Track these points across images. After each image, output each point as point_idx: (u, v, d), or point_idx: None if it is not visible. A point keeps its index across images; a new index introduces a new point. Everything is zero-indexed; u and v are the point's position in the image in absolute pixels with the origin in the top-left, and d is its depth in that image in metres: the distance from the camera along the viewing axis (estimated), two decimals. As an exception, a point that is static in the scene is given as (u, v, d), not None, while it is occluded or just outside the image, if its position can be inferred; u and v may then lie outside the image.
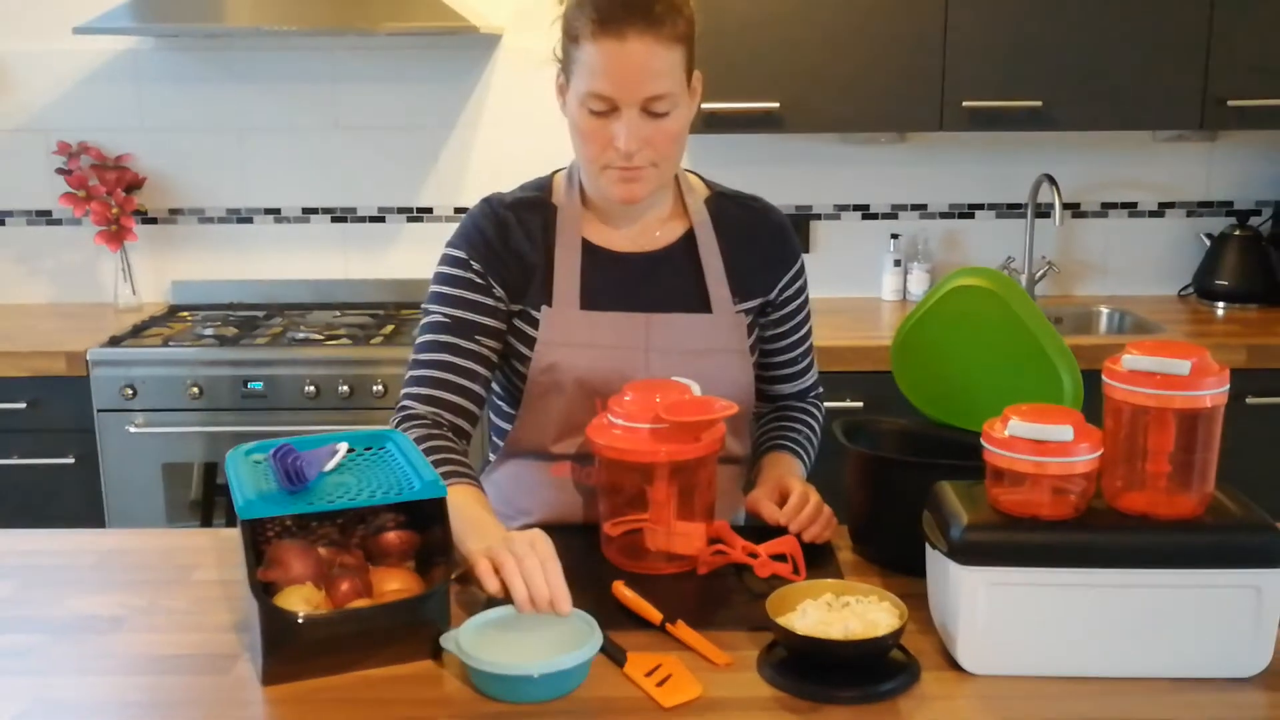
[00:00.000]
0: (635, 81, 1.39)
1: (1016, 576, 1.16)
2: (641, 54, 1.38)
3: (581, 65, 1.41)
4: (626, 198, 1.48)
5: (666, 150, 1.46)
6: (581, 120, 1.44)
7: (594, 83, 1.40)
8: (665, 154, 1.46)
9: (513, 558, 1.22)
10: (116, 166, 3.08)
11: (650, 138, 1.43)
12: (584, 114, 1.43)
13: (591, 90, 1.40)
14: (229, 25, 2.79)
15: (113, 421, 2.68)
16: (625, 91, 1.39)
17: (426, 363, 1.52)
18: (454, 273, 1.54)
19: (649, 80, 1.39)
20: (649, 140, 1.43)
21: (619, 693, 1.16)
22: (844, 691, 1.15)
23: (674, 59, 1.41)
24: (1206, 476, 1.20)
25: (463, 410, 1.52)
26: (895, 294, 3.15)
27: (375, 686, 1.18)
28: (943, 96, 2.79)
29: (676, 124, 1.45)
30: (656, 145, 1.44)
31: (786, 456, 1.62)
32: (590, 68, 1.40)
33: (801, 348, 1.68)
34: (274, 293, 3.19)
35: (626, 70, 1.39)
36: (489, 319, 1.53)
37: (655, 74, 1.40)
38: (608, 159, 1.45)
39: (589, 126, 1.43)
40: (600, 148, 1.44)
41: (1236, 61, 2.77)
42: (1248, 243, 3.07)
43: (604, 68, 1.39)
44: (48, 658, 1.26)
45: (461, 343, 1.52)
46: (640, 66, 1.39)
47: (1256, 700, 1.15)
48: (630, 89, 1.39)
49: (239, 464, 1.30)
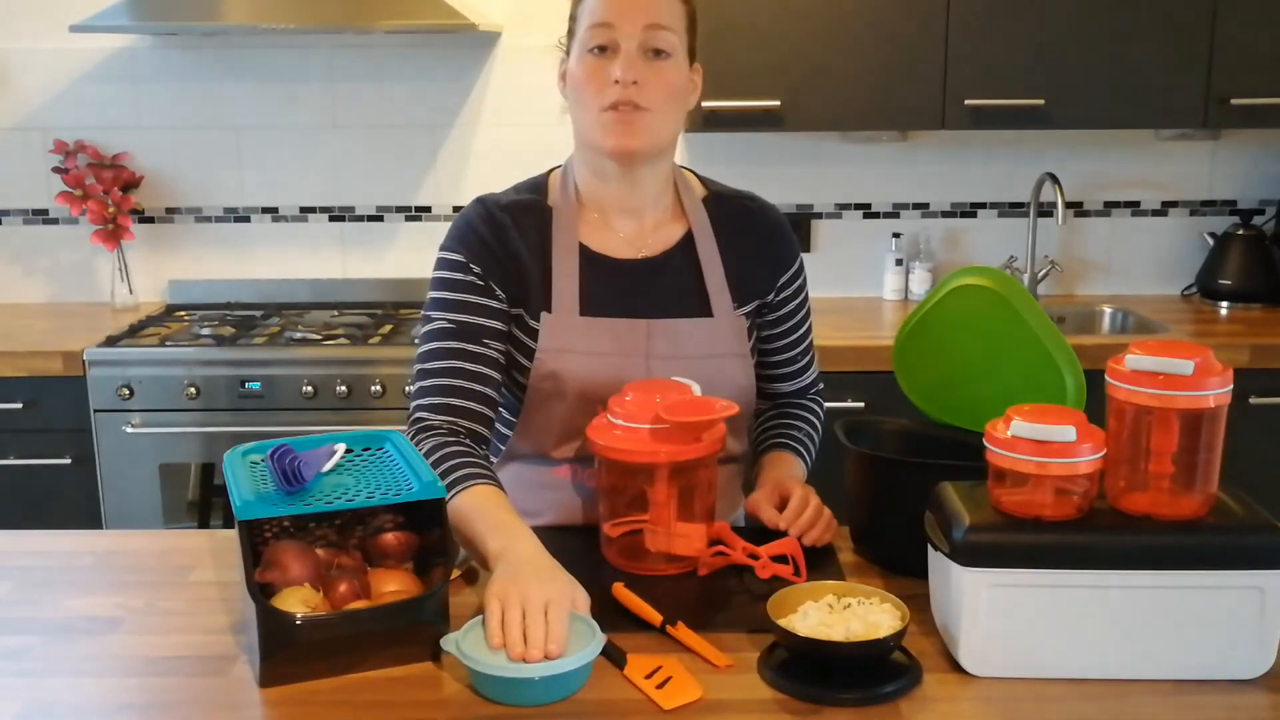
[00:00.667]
0: (636, 8, 1.44)
1: (1019, 578, 1.16)
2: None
3: (585, 13, 1.47)
4: (620, 146, 1.46)
5: (661, 97, 1.46)
6: (583, 66, 1.47)
7: (596, 15, 1.45)
8: (660, 100, 1.46)
9: (519, 615, 1.17)
10: (113, 165, 3.07)
11: (647, 77, 1.45)
12: (585, 59, 1.47)
13: (594, 22, 1.45)
14: (226, 23, 2.78)
15: (109, 422, 2.67)
16: (626, 18, 1.44)
17: (435, 371, 1.49)
18: (454, 276, 1.52)
19: (650, 10, 1.44)
20: (645, 79, 1.45)
21: (619, 695, 1.16)
22: (845, 693, 1.14)
23: (676, 9, 1.47)
24: (1210, 477, 1.19)
25: (477, 415, 1.50)
26: (897, 293, 3.15)
27: (374, 688, 1.18)
28: (945, 95, 2.79)
29: (674, 74, 1.47)
30: (653, 88, 1.45)
31: (787, 456, 1.61)
32: (593, 7, 1.46)
33: (801, 346, 1.68)
34: (271, 292, 3.18)
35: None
36: (494, 321, 1.52)
37: (656, 8, 1.45)
38: (605, 98, 1.45)
39: (590, 67, 1.46)
40: (598, 86, 1.46)
41: (1240, 60, 2.76)
42: (1251, 242, 3.06)
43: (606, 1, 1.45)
44: (44, 659, 1.25)
45: (469, 347, 1.49)
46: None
47: (1260, 702, 1.15)
48: (631, 15, 1.44)
49: (237, 464, 1.29)
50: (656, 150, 1.50)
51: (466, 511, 1.36)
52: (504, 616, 1.17)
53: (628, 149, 1.47)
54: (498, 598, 1.19)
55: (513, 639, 1.15)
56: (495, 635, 1.16)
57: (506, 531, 1.32)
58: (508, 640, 1.15)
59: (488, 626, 1.18)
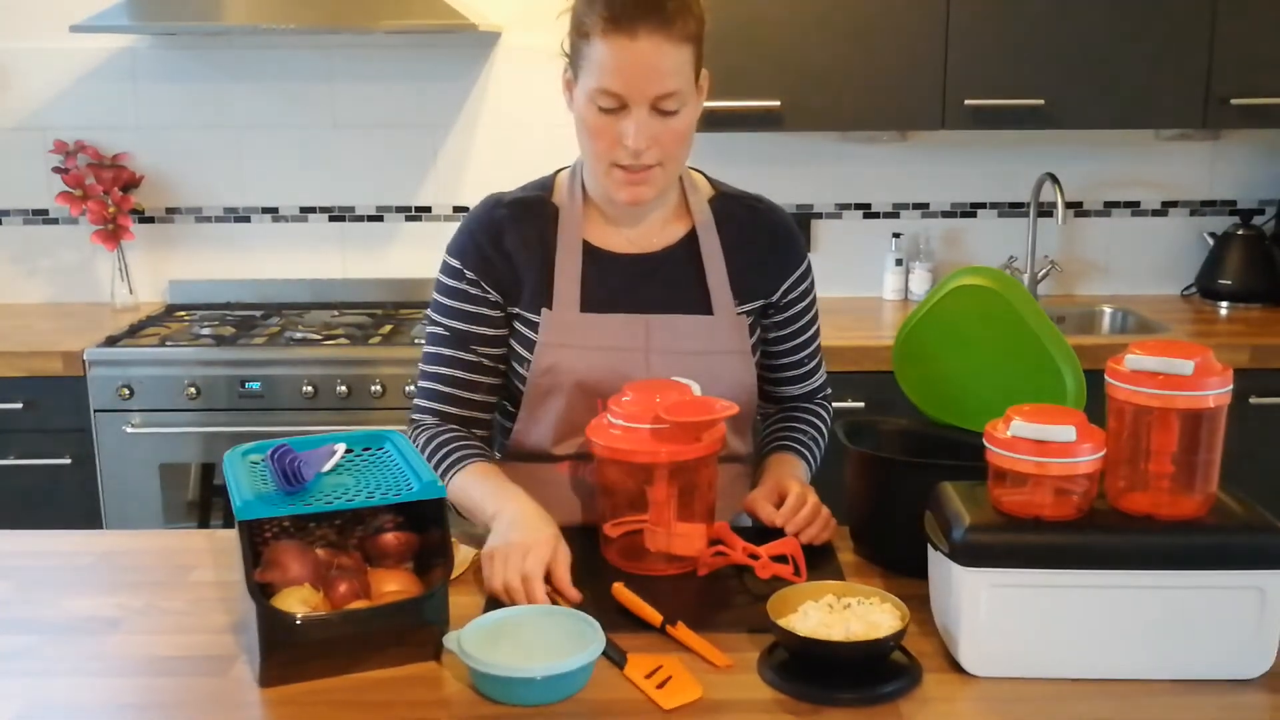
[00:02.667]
0: (645, 80, 1.39)
1: (1019, 578, 1.16)
2: (652, 53, 1.38)
3: (591, 62, 1.41)
4: (632, 200, 1.48)
5: (673, 150, 1.46)
6: (590, 117, 1.44)
7: (604, 79, 1.40)
8: (672, 153, 1.46)
9: (501, 563, 1.33)
10: (113, 165, 3.07)
11: (658, 136, 1.43)
12: (592, 111, 1.43)
13: (601, 87, 1.40)
14: (226, 23, 2.78)
15: (109, 422, 2.67)
16: (635, 90, 1.40)
17: (431, 375, 1.57)
18: (450, 283, 1.56)
19: (659, 79, 1.39)
20: (657, 139, 1.43)
21: (620, 695, 1.15)
22: (845, 693, 1.14)
23: (684, 58, 1.41)
24: (1209, 477, 1.19)
25: (471, 420, 1.58)
26: (897, 293, 3.15)
27: (374, 688, 1.18)
28: (945, 95, 2.79)
29: (684, 123, 1.45)
30: (664, 144, 1.44)
31: (790, 457, 1.61)
32: (600, 65, 1.40)
33: (808, 349, 1.68)
34: (271, 292, 3.18)
35: (637, 68, 1.39)
36: (487, 328, 1.55)
37: (665, 73, 1.40)
38: (615, 157, 1.45)
39: (597, 124, 1.43)
40: (608, 145, 1.44)
41: (1239, 60, 2.76)
42: (1251, 242, 3.06)
43: (614, 65, 1.39)
44: (44, 659, 1.25)
45: (461, 355, 1.56)
46: (651, 65, 1.39)
47: (1259, 702, 1.15)
48: (640, 87, 1.39)
49: (237, 464, 1.29)
50: (667, 188, 1.53)
51: (465, 486, 1.49)
52: (487, 570, 1.32)
53: (640, 201, 1.49)
54: (490, 554, 1.35)
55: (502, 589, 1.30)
56: (491, 585, 1.32)
57: (500, 495, 1.45)
58: (497, 590, 1.30)
59: (485, 580, 1.32)
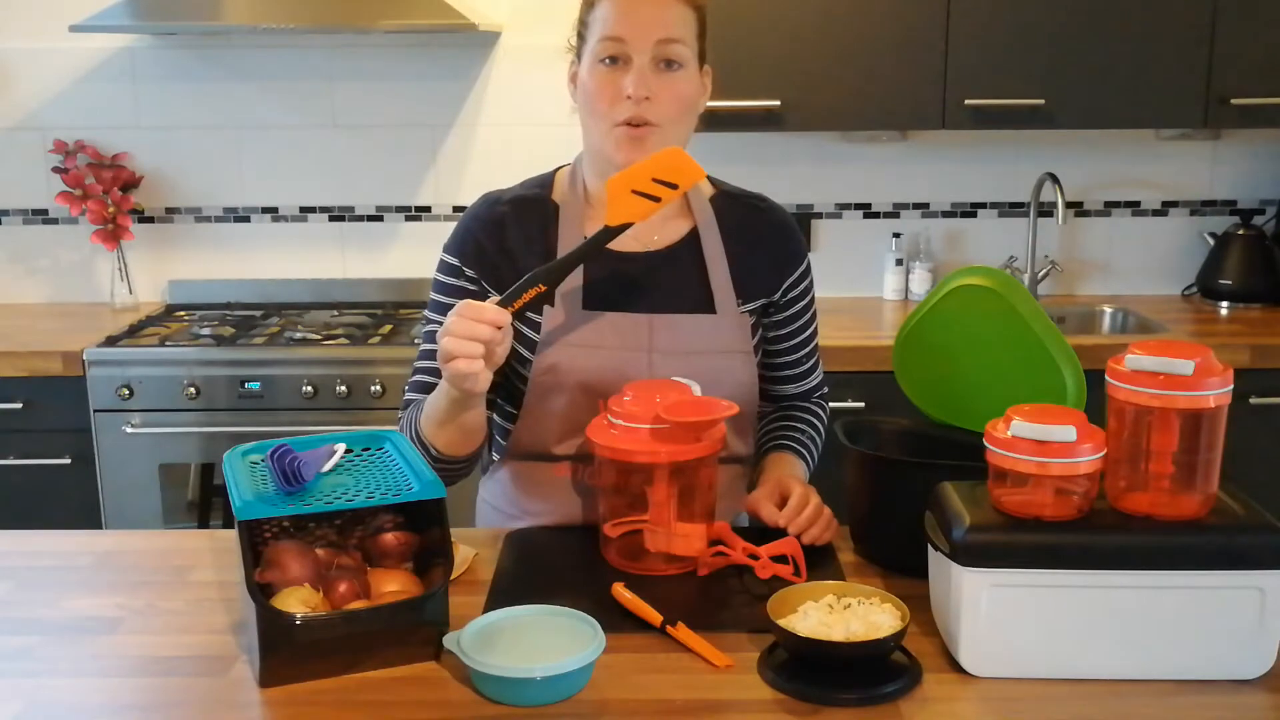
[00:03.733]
0: (648, 23, 1.43)
1: (1019, 578, 1.16)
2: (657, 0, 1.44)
3: (596, 22, 1.46)
4: (631, 162, 1.47)
5: (673, 110, 1.47)
6: (594, 77, 1.47)
7: (608, 28, 1.44)
8: (671, 113, 1.47)
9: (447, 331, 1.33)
10: (113, 165, 3.07)
11: (658, 91, 1.45)
12: (597, 70, 1.46)
13: (605, 35, 1.45)
14: (226, 23, 2.78)
15: (109, 422, 2.67)
16: (638, 33, 1.44)
17: (423, 370, 1.57)
18: (448, 281, 1.56)
19: (662, 24, 1.44)
20: (657, 94, 1.45)
21: (621, 695, 1.15)
22: (845, 694, 1.14)
23: (687, 17, 1.46)
24: (1210, 477, 1.19)
25: None
26: (897, 293, 3.15)
27: (374, 688, 1.17)
28: (945, 94, 2.79)
29: (686, 85, 1.47)
30: (664, 101, 1.46)
31: (789, 457, 1.61)
32: (605, 19, 1.45)
33: (807, 348, 1.68)
34: (271, 292, 3.18)
35: (640, 12, 1.44)
36: None
37: (669, 22, 1.44)
38: (616, 114, 1.46)
39: (601, 79, 1.46)
40: (610, 100, 1.46)
41: (1240, 59, 2.76)
42: (1251, 242, 3.06)
43: (618, 12, 1.44)
44: (44, 659, 1.25)
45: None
46: (654, 11, 1.44)
47: (1260, 702, 1.15)
48: (643, 30, 1.43)
49: (236, 464, 1.29)
50: None
51: (427, 402, 1.48)
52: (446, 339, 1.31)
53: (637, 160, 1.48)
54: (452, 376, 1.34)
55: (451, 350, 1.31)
56: (446, 354, 1.32)
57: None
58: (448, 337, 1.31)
59: (441, 348, 1.32)
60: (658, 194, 1.37)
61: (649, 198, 1.37)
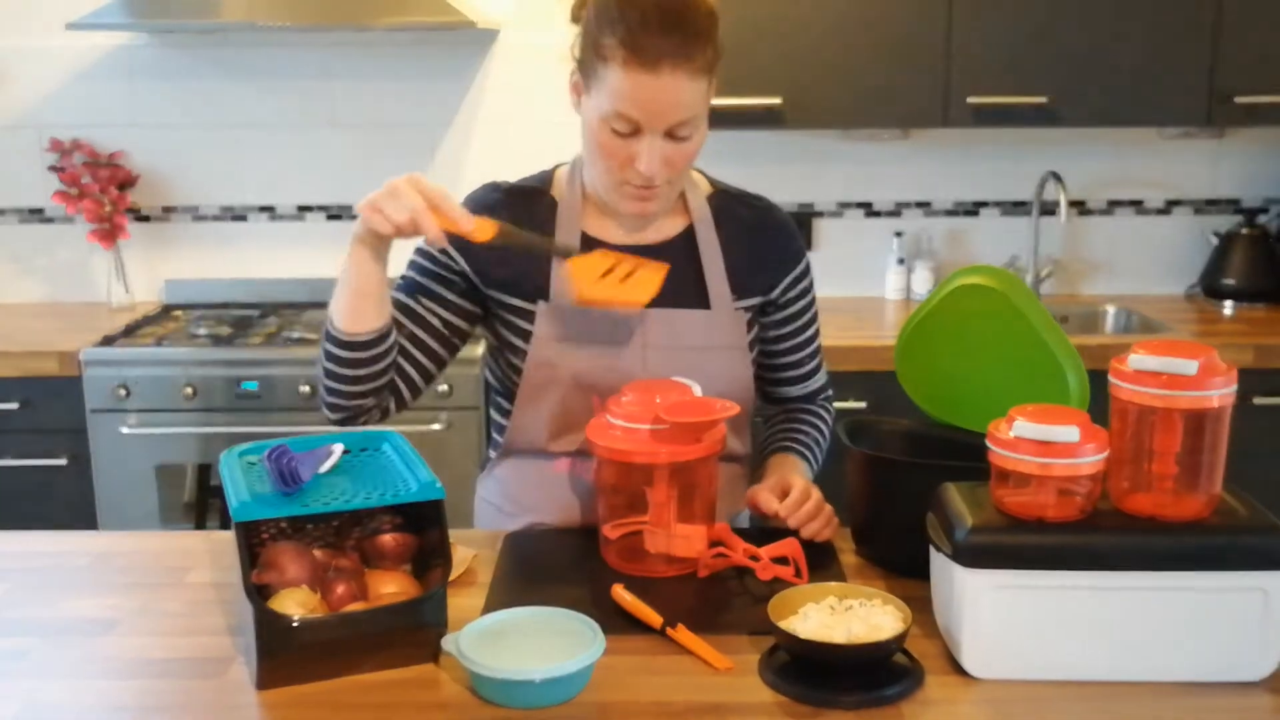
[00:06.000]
0: (663, 112, 1.39)
1: (1021, 579, 1.15)
2: (672, 88, 1.38)
3: (607, 85, 1.40)
4: (639, 214, 1.51)
5: (683, 168, 1.47)
6: (602, 136, 1.43)
7: (620, 106, 1.39)
8: (681, 171, 1.48)
9: (378, 207, 1.41)
10: (109, 164, 3.06)
11: (671, 158, 1.43)
12: (605, 131, 1.43)
13: (618, 111, 1.40)
14: (223, 20, 2.77)
15: (105, 422, 2.66)
16: (653, 119, 1.40)
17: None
18: (429, 260, 1.59)
19: (676, 111, 1.40)
20: (669, 161, 1.43)
21: (621, 697, 1.15)
22: (847, 696, 1.13)
23: (701, 88, 1.41)
24: (1213, 478, 1.19)
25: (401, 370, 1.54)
26: (899, 293, 3.14)
27: (372, 690, 1.17)
28: (947, 92, 2.78)
29: (696, 144, 1.46)
30: (675, 165, 1.45)
31: (791, 457, 1.61)
32: (617, 91, 1.39)
33: (808, 349, 1.67)
34: (268, 292, 3.17)
35: (656, 102, 1.39)
36: (445, 289, 1.56)
37: (683, 105, 1.40)
38: (625, 177, 1.45)
39: (610, 144, 1.43)
40: (619, 166, 1.44)
41: (1244, 57, 2.76)
42: (1255, 241, 3.06)
43: (632, 96, 1.38)
44: (39, 661, 1.24)
45: (408, 301, 1.57)
46: (670, 98, 1.39)
47: (1263, 704, 1.14)
48: (658, 118, 1.40)
49: (233, 465, 1.29)
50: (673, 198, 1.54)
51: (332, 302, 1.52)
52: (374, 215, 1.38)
53: (646, 214, 1.51)
54: (367, 206, 1.42)
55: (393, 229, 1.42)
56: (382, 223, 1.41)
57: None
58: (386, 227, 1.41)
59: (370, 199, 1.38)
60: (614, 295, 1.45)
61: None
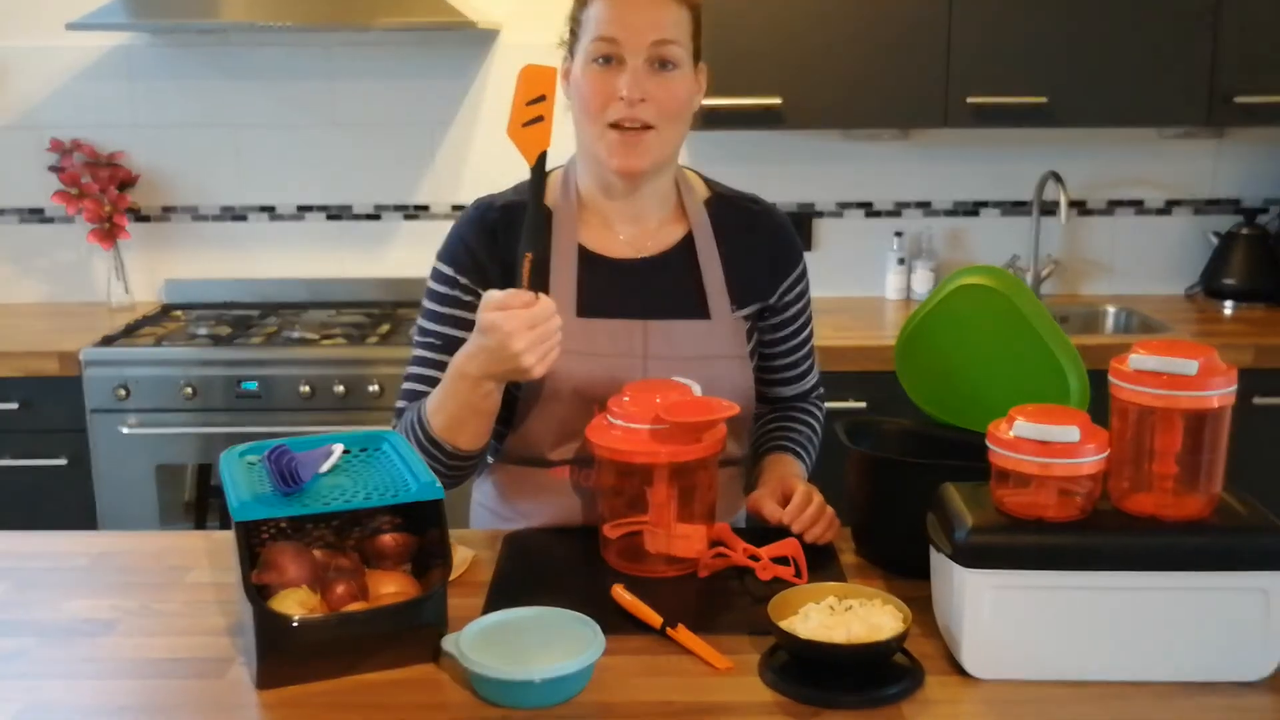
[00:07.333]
0: (643, 25, 1.42)
1: (1022, 579, 1.15)
2: (651, 4, 1.43)
3: (590, 21, 1.45)
4: (624, 168, 1.47)
5: (668, 109, 1.46)
6: (587, 76, 1.45)
7: (601, 28, 1.43)
8: (666, 115, 1.46)
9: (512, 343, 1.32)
10: (109, 164, 3.06)
11: (653, 93, 1.44)
12: (590, 69, 1.45)
13: (599, 35, 1.43)
14: (223, 20, 2.77)
15: (105, 422, 2.66)
16: (633, 34, 1.42)
17: (415, 377, 1.56)
18: (442, 290, 1.55)
19: (656, 26, 1.43)
20: (652, 95, 1.44)
21: (621, 698, 1.15)
22: (847, 696, 1.13)
23: (681, 18, 1.45)
24: (1214, 478, 1.19)
25: None
26: (899, 293, 3.14)
27: (372, 691, 1.17)
28: (947, 92, 2.78)
29: (680, 86, 1.46)
30: (659, 102, 1.44)
31: (787, 458, 1.61)
32: (598, 19, 1.44)
33: (803, 350, 1.67)
34: (269, 292, 3.17)
35: (635, 14, 1.42)
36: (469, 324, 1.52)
37: (663, 23, 1.43)
38: (609, 114, 1.45)
39: (594, 81, 1.45)
40: (603, 102, 1.44)
41: (1244, 57, 2.76)
42: (1255, 241, 3.06)
43: (612, 14, 1.43)
44: (39, 661, 1.24)
45: (448, 360, 1.51)
46: (649, 17, 1.43)
47: (1264, 704, 1.14)
48: (637, 31, 1.42)
49: (233, 465, 1.28)
50: (661, 165, 1.52)
51: (428, 404, 1.45)
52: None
53: (633, 169, 1.48)
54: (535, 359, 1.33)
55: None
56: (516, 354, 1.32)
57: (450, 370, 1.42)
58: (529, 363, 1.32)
59: (510, 349, 1.31)
60: (540, 113, 1.36)
61: (538, 120, 1.37)
